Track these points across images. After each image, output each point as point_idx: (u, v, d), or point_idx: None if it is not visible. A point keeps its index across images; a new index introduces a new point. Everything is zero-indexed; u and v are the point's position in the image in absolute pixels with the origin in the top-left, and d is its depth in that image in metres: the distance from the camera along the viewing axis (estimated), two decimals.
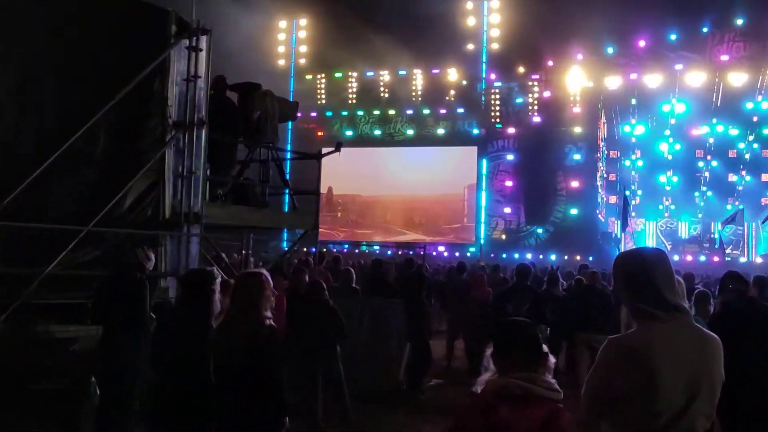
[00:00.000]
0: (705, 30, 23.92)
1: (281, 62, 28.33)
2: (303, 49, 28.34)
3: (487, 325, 8.87)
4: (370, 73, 27.50)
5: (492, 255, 23.63)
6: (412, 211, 27.31)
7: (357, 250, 24.84)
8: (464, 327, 10.01)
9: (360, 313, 8.13)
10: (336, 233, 27.47)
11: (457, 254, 24.36)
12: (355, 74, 27.68)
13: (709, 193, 25.04)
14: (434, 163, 26.46)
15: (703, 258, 24.26)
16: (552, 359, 2.44)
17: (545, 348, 2.43)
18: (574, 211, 24.87)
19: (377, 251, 23.94)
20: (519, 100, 25.94)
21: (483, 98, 26.40)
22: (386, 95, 27.53)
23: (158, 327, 4.52)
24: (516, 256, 23.38)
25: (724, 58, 23.68)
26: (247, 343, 3.49)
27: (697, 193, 25.24)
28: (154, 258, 5.82)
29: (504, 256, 23.31)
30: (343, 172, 24.00)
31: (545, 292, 8.86)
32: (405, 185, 26.56)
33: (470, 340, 9.84)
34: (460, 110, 26.57)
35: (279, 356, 3.64)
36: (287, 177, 9.81)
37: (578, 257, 21.57)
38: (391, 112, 27.76)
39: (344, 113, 28.17)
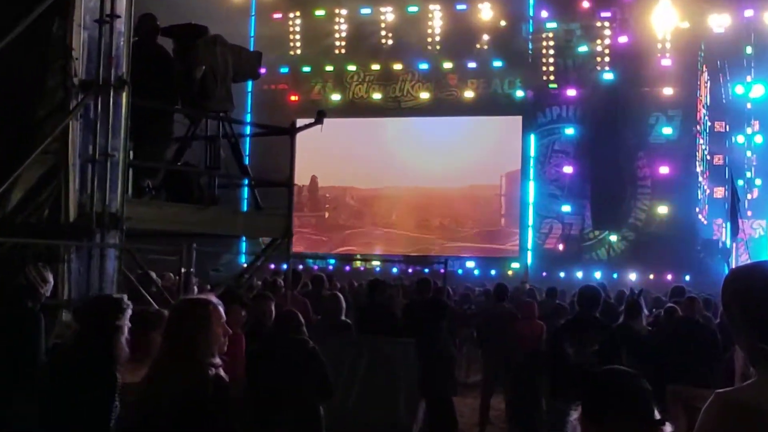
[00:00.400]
0: None
1: None
2: None
3: (538, 374, 8.96)
4: (365, 10, 27.54)
5: (544, 273, 23.66)
6: (428, 210, 27.35)
7: (348, 267, 24.86)
8: (505, 377, 10.02)
9: (353, 359, 8.15)
10: (319, 242, 27.49)
11: (493, 272, 24.40)
12: (344, 12, 27.72)
13: None
14: (459, 141, 26.50)
15: None
16: (669, 428, 2.48)
17: (657, 412, 2.47)
18: (662, 210, 24.87)
19: (378, 269, 23.94)
20: (583, 49, 25.96)
21: (530, 46, 26.44)
22: (389, 42, 27.57)
23: (52, 376, 4.56)
24: (579, 275, 23.40)
25: None
26: (184, 401, 3.50)
27: None
28: (53, 279, 5.82)
29: (562, 275, 23.33)
30: (330, 154, 24.02)
31: (622, 326, 8.86)
32: (418, 173, 26.62)
33: (514, 396, 9.84)
34: (497, 64, 26.60)
35: (230, 421, 3.64)
36: (247, 161, 9.83)
37: (669, 276, 21.59)
38: (397, 67, 27.79)
39: (329, 69, 28.24)
